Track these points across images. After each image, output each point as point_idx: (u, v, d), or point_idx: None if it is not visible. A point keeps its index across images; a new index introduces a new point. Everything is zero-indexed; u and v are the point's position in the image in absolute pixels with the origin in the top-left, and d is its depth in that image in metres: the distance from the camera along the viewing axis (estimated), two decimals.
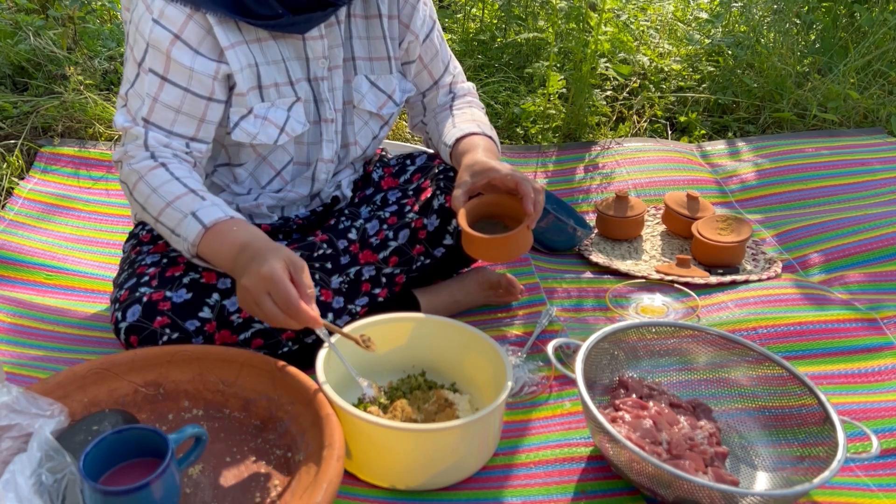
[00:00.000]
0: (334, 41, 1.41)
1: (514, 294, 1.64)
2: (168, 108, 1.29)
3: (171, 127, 1.30)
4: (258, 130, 1.35)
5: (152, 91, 1.28)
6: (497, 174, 1.31)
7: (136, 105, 1.30)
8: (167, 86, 1.28)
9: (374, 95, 1.49)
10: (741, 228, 1.86)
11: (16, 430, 1.06)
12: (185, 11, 1.25)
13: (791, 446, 1.23)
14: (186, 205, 1.25)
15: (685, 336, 1.36)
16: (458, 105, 1.58)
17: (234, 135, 1.35)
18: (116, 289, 1.36)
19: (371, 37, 1.47)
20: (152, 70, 1.27)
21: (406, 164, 1.61)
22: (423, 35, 1.52)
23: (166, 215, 1.25)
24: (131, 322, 1.29)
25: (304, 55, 1.38)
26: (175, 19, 1.25)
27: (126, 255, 1.47)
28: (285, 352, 1.37)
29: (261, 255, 1.15)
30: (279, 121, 1.37)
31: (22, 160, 2.07)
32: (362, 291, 1.45)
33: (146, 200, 1.28)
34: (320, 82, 1.41)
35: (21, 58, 2.46)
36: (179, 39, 1.26)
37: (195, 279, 1.33)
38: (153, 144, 1.29)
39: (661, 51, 2.80)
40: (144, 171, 1.28)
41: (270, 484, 1.12)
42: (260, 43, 1.33)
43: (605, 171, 2.22)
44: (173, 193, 1.26)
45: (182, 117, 1.30)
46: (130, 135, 1.30)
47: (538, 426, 1.35)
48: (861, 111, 2.55)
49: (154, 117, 1.29)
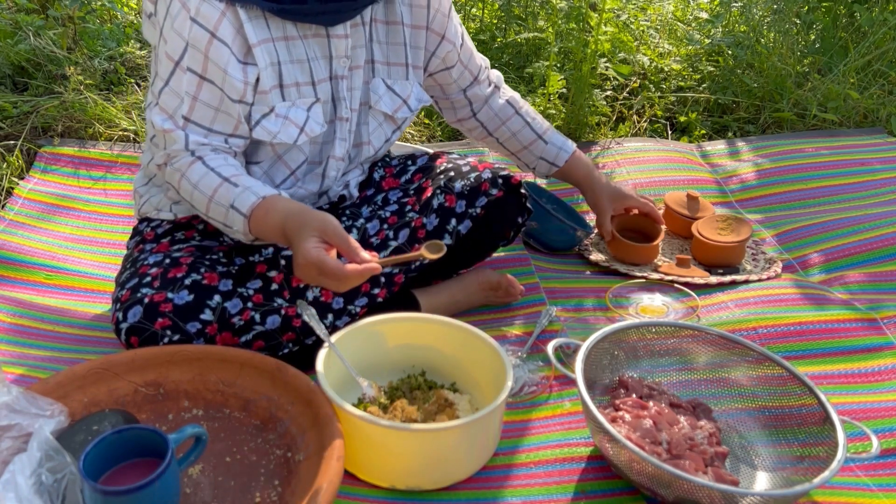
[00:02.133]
0: (358, 41, 1.42)
1: (514, 294, 1.64)
2: (208, 107, 1.30)
3: (210, 125, 1.31)
4: (279, 129, 1.36)
5: (191, 90, 1.28)
6: (634, 202, 1.79)
7: (173, 104, 1.30)
8: (206, 85, 1.28)
9: (389, 98, 1.50)
10: (741, 228, 1.86)
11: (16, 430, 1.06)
12: (218, 8, 1.25)
13: (791, 446, 1.23)
14: (224, 197, 1.27)
15: (685, 336, 1.36)
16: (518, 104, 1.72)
17: (255, 133, 1.35)
18: (118, 288, 1.36)
19: (390, 42, 1.49)
20: (191, 69, 1.27)
21: (407, 165, 1.61)
22: (459, 41, 1.58)
23: (213, 211, 1.29)
24: (132, 323, 1.29)
25: (328, 54, 1.39)
26: (210, 17, 1.25)
27: (129, 252, 1.47)
28: (286, 353, 1.37)
29: (296, 243, 1.18)
30: (299, 121, 1.37)
31: (22, 160, 2.07)
32: (361, 292, 1.45)
33: (192, 198, 1.30)
34: (339, 81, 1.42)
35: (21, 58, 2.46)
36: (216, 38, 1.26)
37: (197, 280, 1.33)
38: (193, 147, 1.30)
39: (661, 51, 2.80)
40: (184, 168, 1.29)
41: (270, 484, 1.12)
42: (287, 41, 1.34)
43: (605, 171, 2.22)
44: (211, 187, 1.28)
45: (221, 115, 1.31)
46: (171, 138, 1.30)
47: (538, 426, 1.35)
48: (861, 111, 2.55)
49: (194, 115, 1.30)
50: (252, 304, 1.35)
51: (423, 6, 1.49)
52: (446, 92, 1.67)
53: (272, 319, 1.35)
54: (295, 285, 1.41)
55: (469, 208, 1.52)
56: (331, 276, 1.15)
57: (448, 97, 1.69)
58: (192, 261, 1.37)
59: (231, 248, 1.47)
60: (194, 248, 1.42)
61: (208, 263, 1.38)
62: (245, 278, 1.39)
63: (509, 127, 1.71)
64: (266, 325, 1.35)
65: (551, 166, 1.75)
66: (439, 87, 1.66)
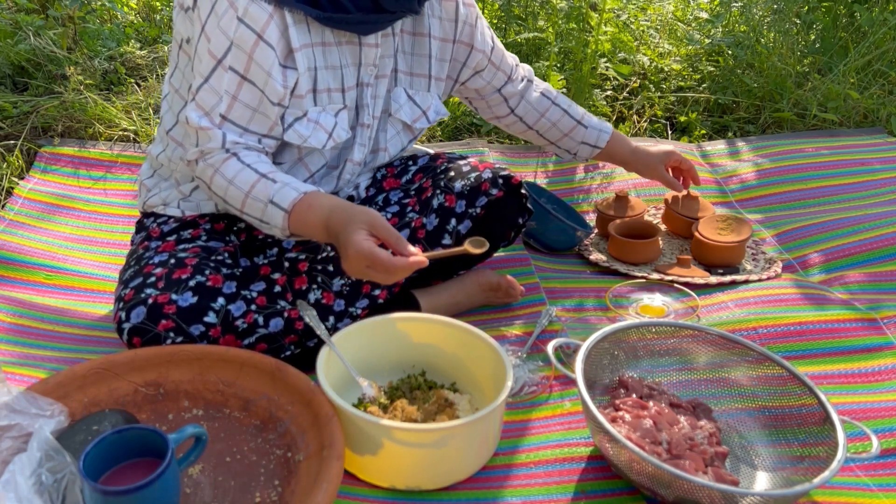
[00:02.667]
0: (387, 51, 1.44)
1: (514, 295, 1.64)
2: (246, 107, 1.30)
3: (247, 125, 1.32)
4: (310, 133, 1.37)
5: (231, 89, 1.29)
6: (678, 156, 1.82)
7: (211, 101, 1.30)
8: (246, 85, 1.29)
9: (410, 108, 1.53)
10: (741, 228, 1.86)
11: (16, 430, 1.06)
12: (266, 10, 1.25)
13: (791, 446, 1.23)
14: (262, 193, 1.28)
15: (685, 336, 1.36)
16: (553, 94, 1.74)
17: (287, 135, 1.36)
18: (121, 286, 1.36)
19: (416, 53, 1.51)
20: (233, 68, 1.28)
21: (409, 165, 1.61)
22: (489, 46, 1.61)
23: (249, 206, 1.29)
24: (135, 323, 1.29)
25: (358, 61, 1.40)
26: (258, 18, 1.25)
27: (134, 248, 1.46)
28: (288, 356, 1.37)
29: (344, 236, 1.19)
30: (328, 126, 1.39)
31: (22, 160, 2.07)
32: (363, 293, 1.45)
33: (225, 193, 1.31)
34: (364, 88, 1.43)
35: (21, 58, 2.46)
36: (262, 40, 1.26)
37: (201, 282, 1.33)
38: (230, 145, 1.31)
39: (661, 51, 2.80)
40: (218, 164, 1.30)
41: (270, 484, 1.12)
42: (324, 47, 1.35)
43: (605, 171, 2.22)
44: (248, 182, 1.28)
45: (258, 116, 1.32)
46: (207, 136, 1.30)
47: (538, 426, 1.35)
48: (861, 111, 2.55)
49: (232, 115, 1.30)
50: (255, 306, 1.35)
51: (452, 20, 1.52)
52: (481, 93, 1.70)
53: (275, 322, 1.35)
54: (297, 287, 1.41)
55: (469, 208, 1.52)
56: (381, 268, 1.17)
57: (483, 98, 1.71)
58: (197, 262, 1.37)
59: (236, 249, 1.47)
60: (200, 249, 1.42)
61: (213, 265, 1.38)
62: (249, 281, 1.39)
63: (549, 118, 1.74)
64: (269, 328, 1.35)
65: (593, 149, 1.79)
66: (474, 91, 1.69)
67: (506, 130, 1.83)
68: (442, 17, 1.51)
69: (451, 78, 1.61)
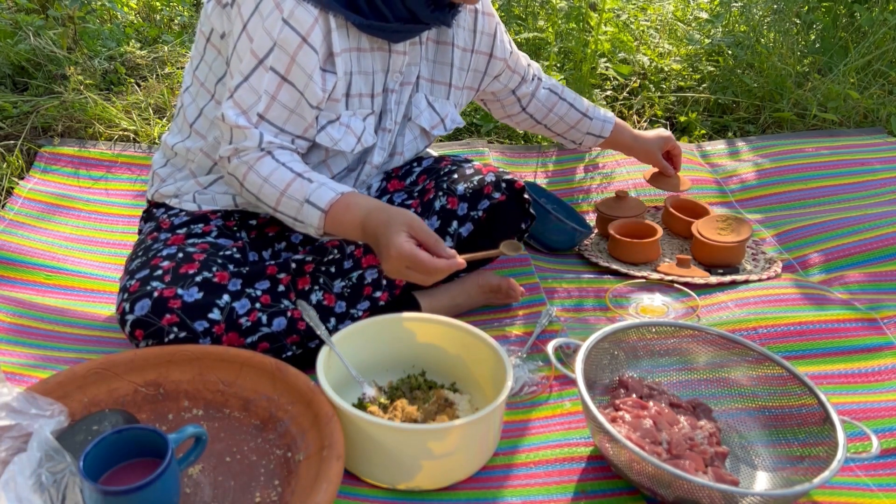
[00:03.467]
0: (414, 59, 1.46)
1: (514, 297, 1.64)
2: (284, 108, 1.31)
3: (283, 125, 1.33)
4: (341, 137, 1.38)
5: (271, 90, 1.29)
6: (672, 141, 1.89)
7: (250, 99, 1.30)
8: (286, 86, 1.30)
9: (429, 114, 1.54)
10: (741, 228, 1.86)
11: (16, 430, 1.06)
12: (313, 14, 1.26)
13: (791, 446, 1.23)
14: (298, 192, 1.29)
15: (685, 336, 1.36)
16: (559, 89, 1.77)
17: (319, 138, 1.37)
18: (127, 276, 1.35)
19: (438, 61, 1.52)
20: (274, 69, 1.28)
21: (413, 167, 1.61)
22: (508, 51, 1.64)
23: (284, 205, 1.30)
24: (139, 316, 1.29)
25: (386, 68, 1.42)
26: (304, 21, 1.26)
27: (143, 238, 1.46)
28: (289, 356, 1.37)
29: (385, 238, 1.21)
30: (358, 130, 1.40)
31: (22, 160, 2.07)
32: (364, 295, 1.45)
33: (259, 191, 1.31)
34: (389, 94, 1.45)
35: (21, 58, 2.46)
36: (306, 43, 1.27)
37: (208, 278, 1.33)
38: (266, 145, 1.31)
39: (661, 51, 2.80)
40: (253, 162, 1.31)
41: (270, 484, 1.12)
42: (359, 52, 1.36)
43: (605, 171, 2.22)
44: (284, 181, 1.29)
45: (294, 117, 1.33)
46: (243, 134, 1.31)
47: (538, 426, 1.35)
48: (861, 111, 2.55)
49: (269, 114, 1.31)
50: (260, 304, 1.35)
51: (472, 30, 1.54)
52: (497, 95, 1.73)
53: (278, 321, 1.35)
54: (300, 288, 1.41)
55: (471, 211, 1.52)
56: (421, 269, 1.19)
57: (499, 99, 1.74)
58: (205, 258, 1.36)
59: (246, 245, 1.47)
60: (208, 245, 1.42)
61: (220, 261, 1.38)
62: (254, 279, 1.39)
63: (556, 112, 1.78)
64: (272, 327, 1.35)
65: (597, 138, 1.84)
66: (491, 94, 1.72)
67: (515, 127, 1.86)
68: (464, 27, 1.53)
69: (471, 88, 1.63)
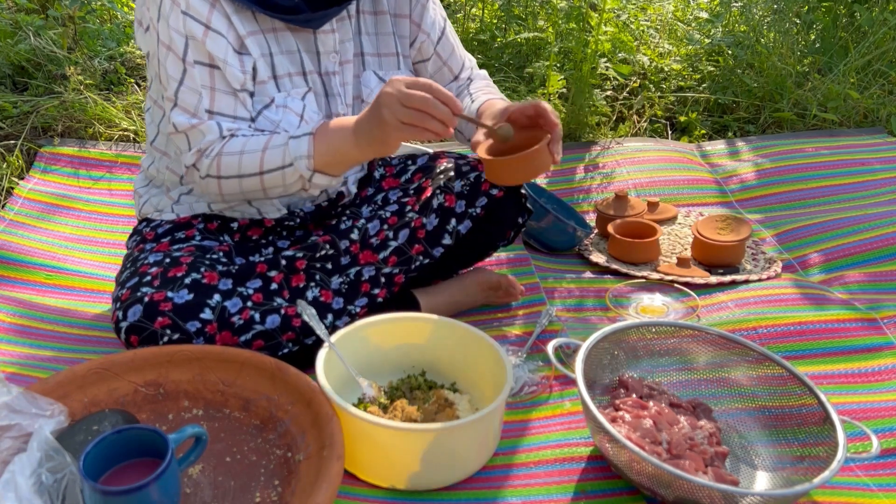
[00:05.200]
0: (345, 35, 1.43)
1: (514, 295, 1.64)
2: (227, 94, 1.31)
3: (234, 112, 1.32)
4: (280, 118, 1.36)
5: (206, 82, 1.29)
6: (515, 105, 1.32)
7: (193, 99, 1.29)
8: (217, 73, 1.29)
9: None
10: (741, 228, 1.86)
11: (16, 430, 1.05)
12: (208, 1, 1.26)
13: (791, 446, 1.23)
14: (279, 139, 1.28)
15: (685, 336, 1.36)
16: (475, 86, 1.60)
17: (258, 123, 1.36)
18: (118, 287, 1.36)
19: (380, 33, 1.49)
20: (198, 62, 1.28)
21: (408, 164, 1.61)
22: (437, 34, 1.54)
23: (268, 160, 1.28)
24: (132, 322, 1.29)
25: (314, 49, 1.39)
26: (201, 9, 1.26)
27: (129, 251, 1.47)
28: (285, 353, 1.37)
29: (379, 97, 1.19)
30: (297, 109, 1.38)
31: (22, 160, 2.07)
32: (362, 292, 1.45)
33: (240, 166, 1.29)
34: (332, 77, 1.42)
35: (21, 58, 2.46)
36: (210, 29, 1.27)
37: (197, 280, 1.33)
38: (226, 133, 1.30)
39: (661, 51, 2.80)
40: (220, 147, 1.30)
41: (270, 484, 1.12)
42: (275, 33, 1.35)
43: (605, 170, 2.22)
44: (261, 142, 1.29)
45: (240, 101, 1.32)
46: (199, 132, 1.30)
47: (538, 426, 1.35)
48: (861, 111, 2.55)
49: (217, 106, 1.30)
50: (252, 303, 1.35)
51: None
52: None
53: (272, 319, 1.35)
54: (294, 285, 1.41)
55: (469, 208, 1.52)
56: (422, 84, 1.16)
57: None
58: (192, 260, 1.37)
59: (231, 248, 1.47)
60: (194, 248, 1.42)
61: (208, 263, 1.38)
62: (245, 278, 1.39)
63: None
64: (266, 325, 1.35)
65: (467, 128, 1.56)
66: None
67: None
68: None
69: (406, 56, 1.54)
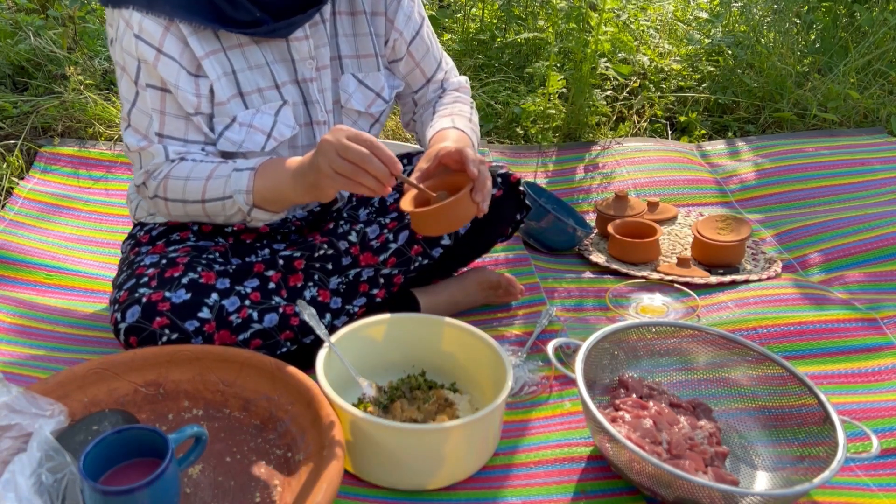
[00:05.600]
0: (320, 40, 1.39)
1: (513, 294, 1.64)
2: (178, 118, 1.30)
3: (185, 136, 1.31)
4: (243, 138, 1.35)
5: (157, 105, 1.28)
6: (445, 151, 1.25)
7: (143, 123, 1.29)
8: (168, 97, 1.28)
9: (361, 94, 1.47)
10: (741, 228, 1.86)
11: (16, 430, 1.05)
12: (161, 24, 1.24)
13: (791, 446, 1.23)
14: (223, 170, 1.27)
15: (685, 336, 1.36)
16: (443, 102, 1.54)
17: (219, 144, 1.34)
18: (115, 290, 1.36)
19: (357, 34, 1.45)
20: (150, 85, 1.27)
21: (403, 165, 1.60)
22: (411, 33, 1.48)
23: (210, 189, 1.27)
24: (131, 323, 1.29)
25: (289, 57, 1.36)
26: (153, 33, 1.24)
27: (125, 255, 1.47)
28: (284, 352, 1.37)
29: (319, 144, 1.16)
30: (266, 126, 1.36)
31: (22, 160, 2.07)
32: (360, 292, 1.45)
33: (184, 192, 1.29)
34: (309, 84, 1.39)
35: (21, 58, 2.46)
36: (162, 54, 1.25)
37: (194, 279, 1.33)
38: (174, 157, 1.30)
39: (661, 51, 2.80)
40: (168, 170, 1.29)
41: (270, 484, 1.12)
42: (241, 48, 1.32)
43: (605, 170, 2.22)
44: (207, 170, 1.28)
45: (192, 125, 1.31)
46: (149, 153, 1.30)
47: (538, 426, 1.35)
48: (861, 111, 2.55)
49: (167, 129, 1.30)
50: (250, 302, 1.35)
51: None
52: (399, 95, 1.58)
53: (270, 318, 1.35)
54: (292, 285, 1.41)
55: None
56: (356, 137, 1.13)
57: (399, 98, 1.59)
58: (189, 260, 1.37)
59: (227, 249, 1.47)
60: (190, 248, 1.42)
61: (205, 262, 1.38)
62: (242, 277, 1.39)
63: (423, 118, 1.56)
64: (264, 324, 1.35)
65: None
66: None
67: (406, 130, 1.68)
68: None
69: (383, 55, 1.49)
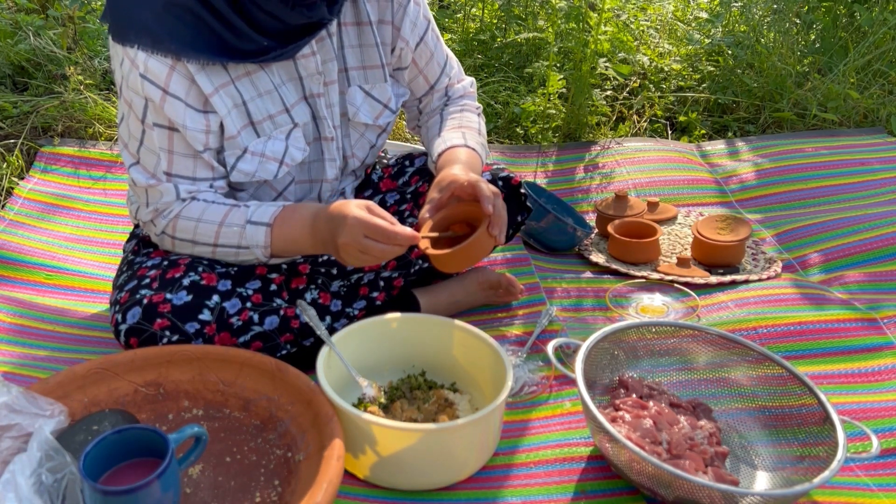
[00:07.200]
0: (327, 55, 1.36)
1: (514, 294, 1.64)
2: (185, 157, 1.29)
3: (193, 174, 1.30)
4: (256, 168, 1.34)
5: (164, 145, 1.27)
6: (458, 184, 1.25)
7: (151, 161, 1.28)
8: (176, 136, 1.27)
9: (368, 106, 1.45)
10: (740, 228, 1.86)
11: (16, 430, 1.05)
12: (167, 63, 1.21)
13: (791, 446, 1.23)
14: (237, 218, 1.27)
15: (685, 336, 1.36)
16: (450, 111, 1.53)
17: (232, 176, 1.33)
18: (116, 291, 1.36)
19: (363, 44, 1.42)
20: (157, 124, 1.26)
21: (405, 166, 1.60)
22: (416, 40, 1.46)
23: (223, 236, 1.28)
24: (131, 324, 1.29)
25: (296, 75, 1.34)
26: (159, 73, 1.22)
27: (126, 255, 1.47)
28: (284, 354, 1.37)
29: (339, 213, 1.20)
30: (278, 153, 1.34)
31: (22, 160, 2.07)
32: (360, 295, 1.45)
33: (195, 233, 1.29)
34: (317, 99, 1.37)
35: (21, 58, 2.46)
36: (168, 94, 1.23)
37: (195, 281, 1.33)
38: (185, 195, 1.30)
39: (661, 50, 2.80)
40: (178, 210, 1.29)
41: (270, 484, 1.12)
42: (249, 76, 1.30)
43: (605, 170, 2.22)
44: (219, 214, 1.28)
45: (200, 161, 1.30)
46: (157, 191, 1.29)
47: (538, 426, 1.35)
48: (861, 111, 2.55)
49: (175, 168, 1.29)
50: (251, 304, 1.35)
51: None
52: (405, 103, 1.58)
53: (271, 320, 1.35)
54: (294, 287, 1.41)
55: None
56: (380, 235, 1.17)
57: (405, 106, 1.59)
58: (190, 261, 1.36)
59: None
60: None
61: (206, 264, 1.38)
62: (244, 279, 1.39)
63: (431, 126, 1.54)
64: (264, 326, 1.35)
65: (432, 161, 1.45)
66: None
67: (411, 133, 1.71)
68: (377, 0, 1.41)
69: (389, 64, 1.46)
